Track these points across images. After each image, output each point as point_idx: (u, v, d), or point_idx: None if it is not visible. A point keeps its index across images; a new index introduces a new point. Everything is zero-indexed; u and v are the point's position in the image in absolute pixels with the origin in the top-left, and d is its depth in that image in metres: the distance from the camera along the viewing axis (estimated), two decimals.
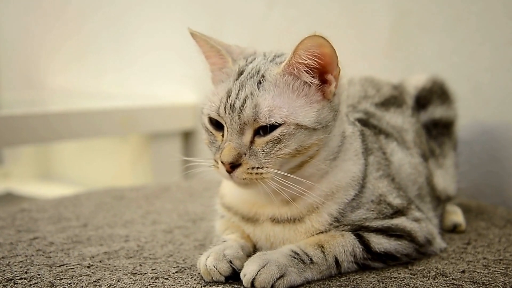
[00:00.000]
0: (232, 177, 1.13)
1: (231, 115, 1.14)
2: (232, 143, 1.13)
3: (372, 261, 1.21)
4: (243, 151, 1.13)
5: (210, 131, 1.20)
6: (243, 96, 1.14)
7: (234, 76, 1.19)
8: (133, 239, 1.47)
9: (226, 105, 1.15)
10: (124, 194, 2.00)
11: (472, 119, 1.97)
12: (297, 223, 1.21)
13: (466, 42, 2.01)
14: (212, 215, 1.43)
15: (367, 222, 1.22)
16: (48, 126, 2.36)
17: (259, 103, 1.13)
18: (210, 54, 1.24)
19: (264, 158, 1.13)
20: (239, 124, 1.13)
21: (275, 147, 1.13)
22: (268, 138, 1.13)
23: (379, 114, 1.51)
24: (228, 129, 1.15)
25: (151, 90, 3.05)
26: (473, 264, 1.26)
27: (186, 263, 1.28)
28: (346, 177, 1.22)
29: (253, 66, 1.19)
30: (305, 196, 1.19)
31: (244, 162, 1.12)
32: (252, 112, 1.12)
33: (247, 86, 1.15)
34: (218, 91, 1.19)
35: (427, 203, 1.44)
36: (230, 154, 1.12)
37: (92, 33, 3.33)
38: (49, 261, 1.29)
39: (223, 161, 1.12)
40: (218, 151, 1.15)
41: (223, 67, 1.23)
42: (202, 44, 1.24)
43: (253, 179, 1.12)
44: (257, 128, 1.13)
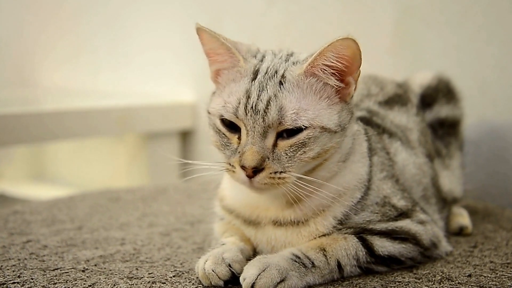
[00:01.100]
0: (252, 182, 1.11)
1: (254, 117, 1.11)
2: (254, 146, 1.10)
3: (375, 264, 1.20)
4: (266, 155, 1.10)
5: (223, 133, 1.17)
6: (266, 98, 1.12)
7: (249, 75, 1.17)
8: (129, 242, 1.46)
9: (247, 107, 1.12)
10: (120, 195, 2.00)
11: (478, 118, 1.97)
12: (301, 226, 1.21)
13: (472, 38, 2.01)
14: (210, 217, 1.42)
15: (370, 224, 1.22)
16: (42, 125, 2.36)
17: (284, 105, 1.11)
18: (218, 52, 1.20)
19: (288, 162, 1.11)
20: (262, 127, 1.11)
21: (299, 150, 1.12)
22: (292, 141, 1.11)
23: (382, 113, 1.51)
24: (249, 132, 1.12)
25: (148, 89, 3.05)
26: (479, 268, 1.26)
27: (184, 267, 1.27)
28: (353, 179, 1.22)
29: (268, 66, 1.17)
30: (312, 198, 1.18)
31: (267, 166, 1.10)
32: (277, 115, 1.10)
33: (268, 87, 1.13)
34: (232, 91, 1.16)
35: (432, 204, 1.44)
36: (254, 158, 1.09)
37: (88, 30, 3.33)
38: (43, 265, 1.29)
39: (246, 166, 1.09)
40: (235, 155, 1.13)
41: (233, 66, 1.20)
42: (210, 41, 1.19)
43: (274, 184, 1.11)
44: (281, 131, 1.12)
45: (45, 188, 3.26)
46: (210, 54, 1.22)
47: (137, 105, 2.73)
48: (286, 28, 2.45)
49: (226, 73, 1.21)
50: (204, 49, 1.23)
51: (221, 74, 1.22)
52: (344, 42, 1.10)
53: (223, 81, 1.22)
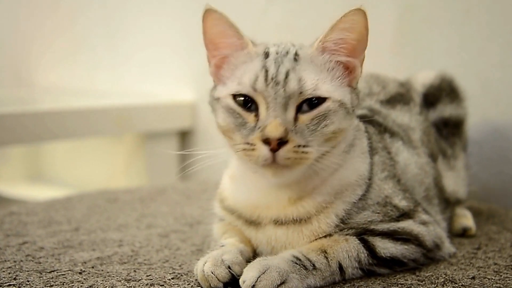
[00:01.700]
0: (276, 157, 1.09)
1: (275, 88, 1.12)
2: (278, 118, 1.10)
3: (377, 266, 1.20)
4: (289, 128, 1.11)
5: (237, 112, 1.16)
6: (285, 70, 1.14)
7: (261, 56, 1.19)
8: (127, 244, 1.46)
9: (267, 79, 1.13)
10: (118, 196, 2.00)
11: (482, 118, 1.96)
12: (303, 224, 1.20)
13: (475, 37, 2.00)
14: (209, 218, 1.42)
15: (372, 225, 1.22)
16: (38, 125, 2.36)
17: (303, 76, 1.14)
18: (228, 34, 1.21)
19: (310, 136, 1.12)
20: (283, 97, 1.12)
21: (321, 123, 1.13)
22: (314, 113, 1.13)
23: (384, 112, 1.51)
24: (270, 105, 1.12)
25: (147, 88, 3.05)
26: (483, 270, 1.25)
27: (182, 269, 1.27)
28: (354, 175, 1.23)
29: (277, 49, 1.20)
30: (315, 194, 1.20)
31: (291, 139, 1.10)
32: (297, 85, 1.12)
33: (285, 61, 1.16)
34: (246, 70, 1.17)
35: (435, 205, 1.44)
36: (278, 129, 1.09)
37: (85, 28, 3.33)
38: (39, 266, 1.29)
39: (270, 137, 1.08)
40: (253, 132, 1.12)
41: (242, 49, 1.21)
42: (219, 22, 1.20)
43: (298, 159, 1.10)
44: (300, 104, 1.13)
45: (42, 189, 3.25)
46: (216, 38, 1.22)
47: (135, 105, 2.72)
48: (286, 26, 2.45)
49: (235, 57, 1.22)
50: (208, 36, 1.22)
51: (227, 61, 1.23)
52: (357, 13, 1.14)
53: (230, 66, 1.22)
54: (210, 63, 1.26)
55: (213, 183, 1.43)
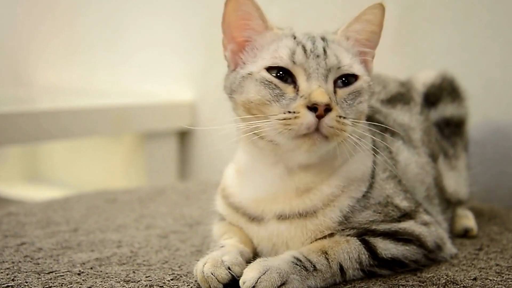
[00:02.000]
0: (320, 124, 1.10)
1: (316, 60, 1.15)
2: (322, 86, 1.13)
3: (378, 268, 1.20)
4: (332, 97, 1.14)
5: (274, 83, 1.16)
6: (321, 46, 1.18)
7: (289, 37, 1.22)
8: (126, 245, 1.46)
9: (306, 52, 1.16)
10: (116, 197, 2.00)
11: (483, 117, 1.96)
12: (308, 218, 1.21)
13: (477, 36, 2.01)
14: (209, 218, 1.42)
15: (373, 225, 1.22)
16: (36, 125, 2.36)
17: (338, 53, 1.19)
18: (252, 16, 1.22)
19: (347, 109, 1.16)
20: (325, 69, 1.15)
21: (356, 99, 1.18)
22: (350, 89, 1.18)
23: (385, 111, 1.51)
24: (311, 75, 1.14)
25: (146, 87, 3.05)
26: (485, 271, 1.25)
27: (182, 270, 1.27)
28: (360, 170, 1.24)
29: (300, 33, 1.24)
30: (323, 185, 1.21)
31: (335, 107, 1.12)
32: (336, 60, 1.17)
33: (317, 40, 1.20)
34: (279, 46, 1.19)
35: (436, 205, 1.44)
36: (325, 95, 1.11)
37: (84, 27, 3.33)
38: (37, 268, 1.29)
39: (318, 102, 1.09)
40: (295, 100, 1.12)
41: (266, 31, 1.23)
42: (246, 2, 1.21)
43: (338, 130, 1.12)
44: (336, 79, 1.17)
45: (40, 189, 3.25)
46: (240, 20, 1.23)
47: (134, 104, 2.72)
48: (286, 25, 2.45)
49: (259, 38, 1.23)
50: (230, 19, 1.23)
51: (250, 44, 1.24)
52: (379, 7, 1.24)
53: (255, 48, 1.23)
54: (226, 48, 1.26)
55: (213, 183, 1.43)
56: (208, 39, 2.72)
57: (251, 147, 1.23)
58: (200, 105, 2.80)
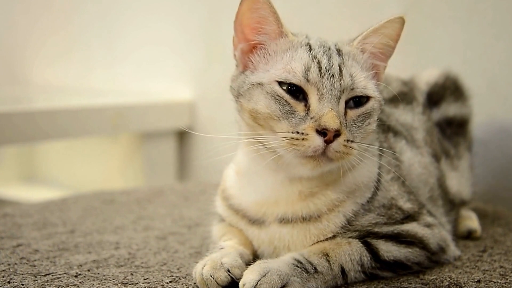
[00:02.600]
0: (327, 149, 1.10)
1: (331, 80, 1.14)
2: (334, 110, 1.11)
3: (380, 270, 1.20)
4: (343, 121, 1.13)
5: (285, 99, 1.14)
6: (337, 63, 1.16)
7: (304, 46, 1.20)
8: (124, 246, 1.46)
9: (321, 70, 1.14)
10: (114, 198, 2.00)
11: (487, 117, 1.96)
12: (311, 223, 1.21)
13: (481, 34, 2.01)
14: (208, 219, 1.42)
15: (376, 227, 1.22)
16: (33, 124, 2.35)
17: (353, 72, 1.17)
18: (268, 20, 1.21)
19: (356, 132, 1.15)
20: (339, 90, 1.14)
21: (365, 121, 1.17)
22: (361, 110, 1.17)
23: (387, 111, 1.51)
24: (324, 96, 1.12)
25: (144, 86, 3.05)
26: (489, 273, 1.25)
27: (181, 272, 1.27)
28: (365, 176, 1.24)
29: (317, 42, 1.21)
30: (329, 190, 1.21)
31: (343, 132, 1.11)
32: (350, 80, 1.15)
33: (333, 55, 1.18)
34: (293, 58, 1.17)
35: (439, 207, 1.44)
36: (336, 120, 1.10)
37: (81, 25, 3.33)
38: (34, 270, 1.29)
39: (328, 128, 1.09)
40: (304, 122, 1.11)
41: (281, 36, 1.21)
42: (262, 7, 1.19)
43: (344, 154, 1.12)
44: (348, 100, 1.16)
45: (37, 190, 3.25)
46: (254, 23, 1.21)
47: (132, 104, 2.72)
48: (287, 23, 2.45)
49: (273, 44, 1.21)
50: (243, 20, 1.21)
51: (262, 47, 1.22)
52: (400, 21, 1.22)
53: (267, 53, 1.21)
54: (236, 47, 1.25)
55: (212, 184, 1.43)
56: (207, 37, 2.72)
57: (252, 151, 1.22)
58: (199, 104, 2.80)
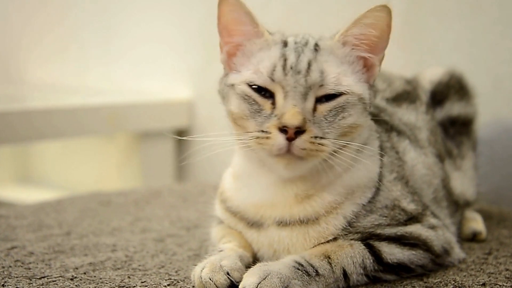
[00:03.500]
0: (291, 146, 1.11)
1: (295, 77, 1.14)
2: (296, 106, 1.12)
3: (383, 273, 1.20)
4: (308, 117, 1.13)
5: (253, 98, 1.17)
6: (306, 60, 1.16)
7: (279, 44, 1.21)
8: (121, 249, 1.46)
9: (286, 68, 1.15)
10: (111, 199, 2.00)
11: (493, 116, 1.96)
12: (310, 225, 1.21)
13: (486, 32, 2.01)
14: (207, 221, 1.42)
15: (379, 229, 1.22)
16: (27, 124, 2.36)
17: (324, 68, 1.16)
18: (243, 21, 1.23)
19: (327, 128, 1.15)
20: (304, 87, 1.14)
21: (338, 115, 1.16)
22: (332, 104, 1.16)
23: (390, 110, 1.51)
24: (288, 93, 1.14)
25: (141, 85, 3.05)
26: (494, 276, 1.25)
27: (179, 275, 1.27)
28: (365, 177, 1.24)
29: (297, 39, 1.22)
30: (325, 192, 1.20)
31: (309, 129, 1.12)
32: (319, 77, 1.15)
33: (305, 51, 1.18)
34: (263, 58, 1.19)
35: (444, 208, 1.44)
36: (297, 117, 1.11)
37: (77, 22, 3.33)
38: (29, 272, 1.29)
39: (288, 125, 1.10)
40: (269, 119, 1.13)
41: (257, 37, 1.23)
42: (235, 8, 1.22)
43: (313, 151, 1.12)
44: (320, 96, 1.16)
45: (31, 191, 3.25)
46: (231, 24, 1.23)
47: (129, 103, 2.72)
48: (287, 20, 2.45)
49: (250, 44, 1.23)
50: (222, 22, 1.24)
51: (241, 49, 1.24)
52: (382, 9, 1.18)
53: (245, 54, 1.23)
54: (222, 50, 1.27)
55: (211, 185, 1.43)
56: (206, 34, 2.72)
57: (243, 154, 1.25)
58: (198, 104, 2.80)
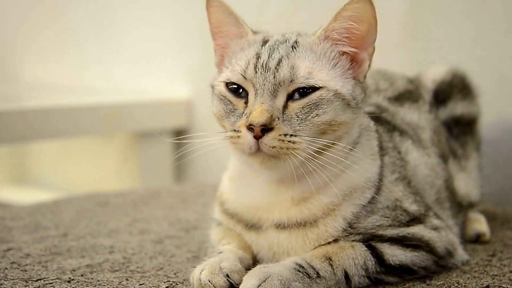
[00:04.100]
0: (260, 145, 1.12)
1: (264, 75, 1.15)
2: (264, 104, 1.13)
3: (386, 275, 1.20)
4: (276, 115, 1.13)
5: (228, 99, 1.20)
6: (278, 57, 1.17)
7: (259, 43, 1.23)
8: (119, 251, 1.46)
9: (257, 65, 1.17)
10: (108, 200, 2.00)
11: (497, 116, 1.97)
12: (308, 228, 1.21)
13: (490, 30, 2.01)
14: (207, 223, 1.42)
15: (380, 230, 1.22)
16: (24, 124, 2.36)
17: (296, 64, 1.17)
18: (227, 21, 1.26)
19: (299, 125, 1.14)
20: (273, 84, 1.15)
21: (311, 112, 1.15)
22: (305, 101, 1.15)
23: (392, 109, 1.51)
24: (258, 91, 1.15)
25: (139, 84, 3.05)
26: (498, 279, 1.25)
27: (178, 277, 1.27)
28: (363, 178, 1.23)
29: (278, 38, 1.24)
30: (321, 194, 1.20)
31: (277, 126, 1.12)
32: (289, 72, 1.15)
33: (280, 48, 1.19)
34: (241, 57, 1.21)
35: (447, 209, 1.44)
36: (262, 115, 1.11)
37: (74, 20, 3.33)
38: (25, 275, 1.29)
39: (253, 123, 1.11)
40: (241, 118, 1.15)
41: (240, 37, 1.26)
42: (219, 9, 1.25)
43: (284, 149, 1.12)
44: (291, 92, 1.16)
45: (28, 192, 3.25)
46: (217, 27, 1.27)
47: (127, 102, 2.72)
48: (287, 18, 2.45)
49: (233, 44, 1.26)
50: (211, 25, 1.28)
51: (227, 49, 1.27)
52: (362, 2, 1.16)
53: (229, 55, 1.26)
54: (216, 53, 1.30)
55: (210, 186, 1.43)
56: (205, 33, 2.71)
57: (236, 154, 1.26)
58: (197, 103, 2.80)
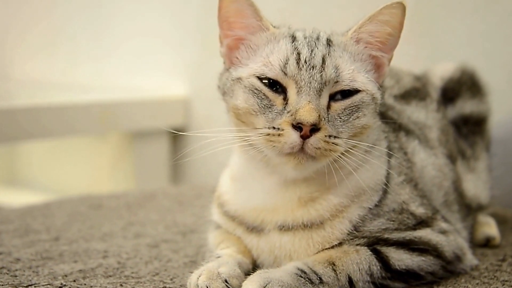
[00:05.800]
0: (306, 145, 1.11)
1: (310, 72, 1.15)
2: (311, 103, 1.13)
3: (391, 280, 1.20)
4: (323, 115, 1.13)
5: (264, 93, 1.17)
6: (320, 54, 1.17)
7: (287, 37, 1.22)
8: (113, 255, 1.46)
9: (300, 62, 1.16)
10: (102, 202, 2.00)
11: (507, 115, 1.97)
12: (314, 230, 1.21)
13: (500, 25, 2.01)
14: (204, 226, 1.42)
15: (386, 233, 1.22)
16: (14, 123, 2.36)
17: (339, 64, 1.17)
18: (246, 13, 1.23)
19: (341, 127, 1.16)
20: (319, 83, 1.15)
21: (353, 114, 1.17)
22: (347, 103, 1.17)
23: (398, 108, 1.52)
24: (303, 88, 1.14)
25: (134, 82, 3.05)
26: (508, 284, 1.25)
27: (174, 283, 1.27)
28: (372, 179, 1.24)
29: (304, 33, 1.23)
30: (330, 195, 1.21)
31: (324, 127, 1.12)
32: (334, 73, 1.16)
33: (318, 45, 1.19)
34: (273, 50, 1.20)
35: (455, 212, 1.44)
36: (312, 114, 1.11)
37: (66, 15, 3.33)
38: (15, 280, 1.29)
39: (303, 122, 1.10)
40: (281, 116, 1.14)
41: (261, 30, 1.24)
42: (237, 0, 1.22)
43: (327, 151, 1.13)
44: (334, 93, 1.16)
45: (18, 194, 3.25)
46: (233, 17, 1.24)
47: (121, 100, 2.72)
48: (290, 12, 2.45)
49: (255, 38, 1.24)
50: (223, 14, 1.24)
51: (244, 43, 1.25)
52: (398, 6, 1.19)
53: (250, 48, 1.24)
54: (222, 43, 1.28)
55: (208, 187, 1.43)
56: (204, 28, 2.72)
57: (244, 153, 1.25)
58: (195, 101, 2.80)
